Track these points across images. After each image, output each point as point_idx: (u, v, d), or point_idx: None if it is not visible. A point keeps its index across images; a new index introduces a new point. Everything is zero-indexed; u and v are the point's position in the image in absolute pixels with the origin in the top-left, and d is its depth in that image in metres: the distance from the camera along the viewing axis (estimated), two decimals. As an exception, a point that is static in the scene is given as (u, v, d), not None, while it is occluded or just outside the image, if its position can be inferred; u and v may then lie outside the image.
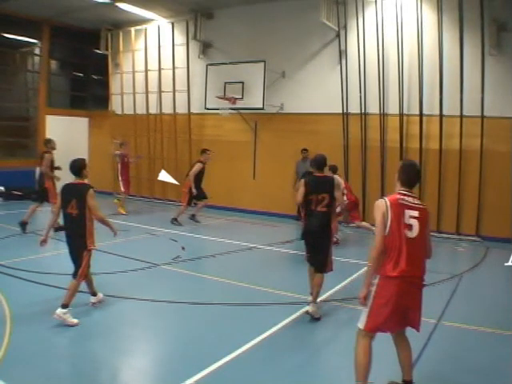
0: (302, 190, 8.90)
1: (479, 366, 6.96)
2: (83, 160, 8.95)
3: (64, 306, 7.99)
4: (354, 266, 12.15)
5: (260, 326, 7.99)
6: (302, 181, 9.11)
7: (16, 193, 21.38)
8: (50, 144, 15.19)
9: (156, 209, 20.50)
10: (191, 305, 9.17)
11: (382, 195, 16.80)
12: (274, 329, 7.96)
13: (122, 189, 19.24)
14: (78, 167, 8.70)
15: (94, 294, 8.93)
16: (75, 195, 8.40)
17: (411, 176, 5.83)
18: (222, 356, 6.79)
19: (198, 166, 17.04)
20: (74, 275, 8.34)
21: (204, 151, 17.28)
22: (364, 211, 17.51)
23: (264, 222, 18.38)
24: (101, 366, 6.73)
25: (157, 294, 9.71)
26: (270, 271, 12.30)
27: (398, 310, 5.51)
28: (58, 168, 14.82)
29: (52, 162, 14.92)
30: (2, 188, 21.34)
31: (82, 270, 8.35)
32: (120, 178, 19.26)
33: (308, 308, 8.68)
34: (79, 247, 8.40)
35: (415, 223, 5.54)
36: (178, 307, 9.08)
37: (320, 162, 9.16)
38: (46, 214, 14.47)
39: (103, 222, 8.67)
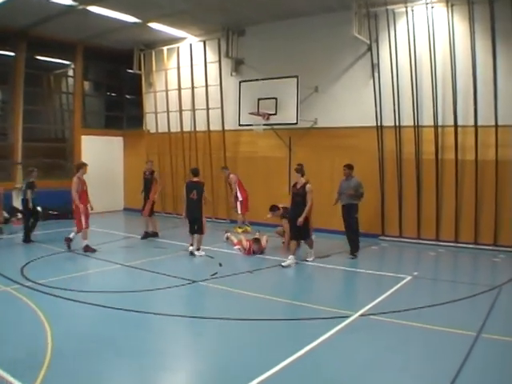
0: None
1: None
2: (198, 168, 16.06)
3: (198, 249, 15.07)
4: (392, 280, 12.11)
5: (300, 342, 7.94)
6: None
7: (52, 212, 21.59)
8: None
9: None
10: (230, 321, 9.16)
11: (418, 207, 16.83)
12: (315, 343, 7.89)
13: (240, 211, 19.34)
14: (197, 172, 15.52)
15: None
16: (196, 187, 15.04)
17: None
18: (263, 372, 6.75)
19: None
20: (198, 232, 15.09)
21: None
22: (400, 224, 17.48)
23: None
24: (141, 382, 6.75)
25: (196, 311, 9.77)
26: (308, 286, 12.36)
27: None
28: None
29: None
30: (38, 208, 21.52)
31: (204, 227, 15.13)
32: (239, 199, 19.25)
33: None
34: (199, 216, 14.99)
35: None
36: (217, 323, 9.09)
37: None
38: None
39: (206, 201, 15.39)
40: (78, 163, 16.03)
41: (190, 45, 22.73)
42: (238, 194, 19.04)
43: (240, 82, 20.08)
